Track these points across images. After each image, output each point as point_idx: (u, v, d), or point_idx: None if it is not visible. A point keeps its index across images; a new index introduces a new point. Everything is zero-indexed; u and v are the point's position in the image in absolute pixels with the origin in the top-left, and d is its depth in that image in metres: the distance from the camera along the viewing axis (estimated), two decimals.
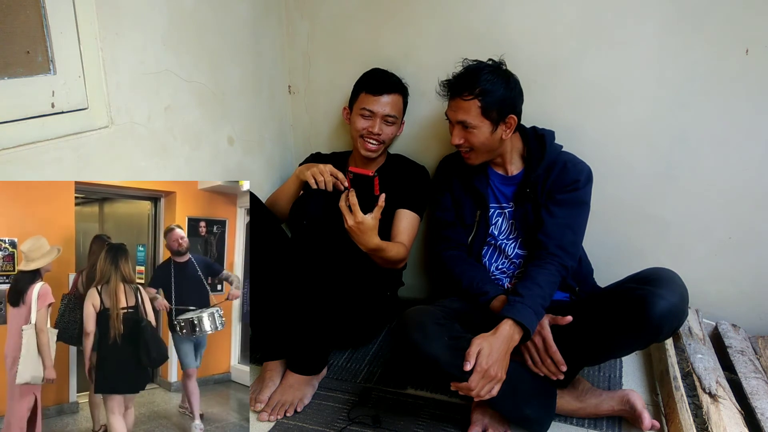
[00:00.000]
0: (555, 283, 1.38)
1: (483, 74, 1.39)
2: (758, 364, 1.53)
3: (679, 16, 1.55)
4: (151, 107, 1.37)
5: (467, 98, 1.39)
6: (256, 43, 1.80)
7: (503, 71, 1.44)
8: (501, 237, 1.54)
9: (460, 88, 1.41)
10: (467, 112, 1.40)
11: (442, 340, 1.23)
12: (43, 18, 1.09)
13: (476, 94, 1.38)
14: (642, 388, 1.56)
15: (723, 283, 1.74)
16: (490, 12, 1.71)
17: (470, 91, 1.38)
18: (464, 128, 1.43)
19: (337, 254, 1.59)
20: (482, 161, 1.50)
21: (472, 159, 1.49)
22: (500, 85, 1.39)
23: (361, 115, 1.69)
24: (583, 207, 1.47)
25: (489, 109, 1.39)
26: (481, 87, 1.38)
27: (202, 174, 1.59)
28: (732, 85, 1.56)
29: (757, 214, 1.64)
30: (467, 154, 1.48)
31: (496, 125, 1.41)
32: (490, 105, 1.38)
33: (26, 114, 1.08)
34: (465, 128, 1.42)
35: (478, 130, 1.41)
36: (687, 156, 1.65)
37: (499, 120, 1.41)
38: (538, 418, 1.34)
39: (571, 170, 1.45)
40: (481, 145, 1.44)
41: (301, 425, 1.43)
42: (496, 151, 1.49)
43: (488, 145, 1.44)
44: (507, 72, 1.45)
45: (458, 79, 1.43)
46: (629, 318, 1.24)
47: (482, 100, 1.38)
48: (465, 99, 1.40)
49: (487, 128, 1.41)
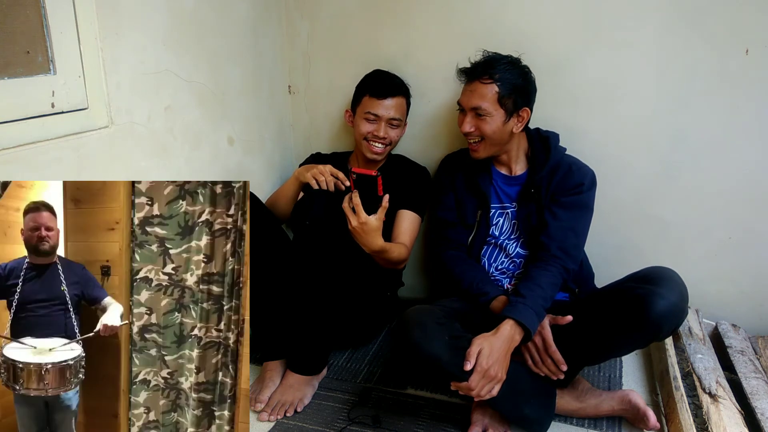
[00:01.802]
0: (556, 285, 1.38)
1: (503, 62, 1.43)
2: (758, 364, 1.53)
3: (679, 16, 1.55)
4: (151, 107, 1.37)
5: (486, 81, 1.41)
6: (256, 43, 1.80)
7: (521, 65, 1.47)
8: (502, 237, 1.54)
9: (480, 71, 1.43)
10: (483, 97, 1.41)
11: (443, 340, 1.23)
12: (43, 18, 1.09)
13: (495, 79, 1.40)
14: (642, 388, 1.56)
15: (723, 283, 1.73)
16: (490, 12, 1.71)
17: (490, 75, 1.41)
18: (477, 116, 1.43)
19: (338, 254, 1.59)
20: (489, 155, 1.49)
21: (480, 151, 1.48)
22: (518, 75, 1.43)
23: (366, 119, 1.69)
24: (587, 211, 1.47)
25: (505, 97, 1.41)
26: (501, 73, 1.40)
27: (202, 174, 1.59)
28: (732, 85, 1.56)
29: (757, 214, 1.64)
30: (476, 145, 1.47)
31: (509, 115, 1.42)
32: (507, 92, 1.41)
33: (26, 114, 1.08)
34: (478, 116, 1.43)
35: (491, 117, 1.42)
36: (687, 156, 1.65)
37: (513, 111, 1.43)
38: (538, 418, 1.34)
39: (575, 173, 1.46)
40: (492, 134, 1.43)
41: (301, 425, 1.43)
42: (503, 147, 1.49)
43: (498, 137, 1.44)
44: (524, 66, 1.48)
45: (478, 64, 1.46)
46: (629, 317, 1.24)
47: (500, 86, 1.40)
48: (484, 82, 1.41)
49: (500, 117, 1.42)
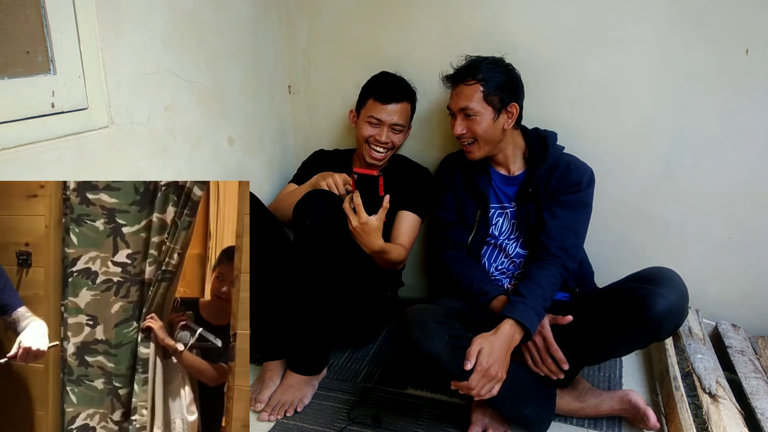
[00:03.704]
0: (556, 284, 1.38)
1: (484, 63, 1.46)
2: (758, 364, 1.53)
3: (679, 16, 1.55)
4: (151, 107, 1.37)
5: (470, 83, 1.44)
6: (256, 43, 1.80)
7: (504, 63, 1.50)
8: (502, 237, 1.55)
9: (462, 75, 1.47)
10: (469, 98, 1.44)
11: (443, 339, 1.23)
12: (43, 18, 1.09)
13: (478, 79, 1.43)
14: (642, 388, 1.56)
15: (723, 283, 1.74)
16: (490, 12, 1.71)
17: (473, 76, 1.44)
18: (466, 117, 1.45)
19: (339, 254, 1.59)
20: (484, 154, 1.50)
21: (474, 152, 1.49)
22: (501, 72, 1.46)
23: (369, 123, 1.68)
24: (586, 209, 1.47)
25: (491, 94, 1.43)
26: (483, 73, 1.43)
27: (202, 174, 1.59)
28: (732, 85, 1.56)
29: (757, 214, 1.64)
30: (470, 146, 1.49)
31: (498, 112, 1.44)
32: (491, 90, 1.43)
33: (26, 114, 1.08)
34: (467, 117, 1.45)
35: (480, 116, 1.43)
36: (687, 156, 1.65)
37: (501, 107, 1.44)
38: (538, 418, 1.34)
39: (574, 172, 1.46)
40: (484, 133, 1.45)
41: (301, 425, 1.43)
42: (498, 145, 1.49)
43: (490, 135, 1.46)
44: (508, 64, 1.50)
45: (461, 69, 1.49)
46: (629, 317, 1.24)
47: (484, 85, 1.43)
48: (468, 84, 1.44)
49: (489, 115, 1.44)
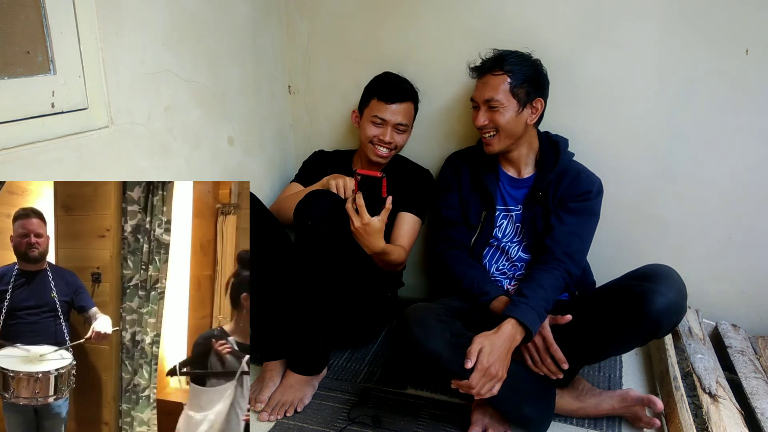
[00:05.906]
0: (559, 288, 1.38)
1: (512, 56, 1.47)
2: (758, 364, 1.53)
3: (679, 16, 1.55)
4: (151, 107, 1.37)
5: (497, 74, 1.44)
6: (256, 44, 1.80)
7: (532, 58, 1.50)
8: (505, 240, 1.54)
9: (490, 66, 1.46)
10: (495, 89, 1.43)
11: (444, 337, 1.23)
12: (43, 18, 1.09)
13: (506, 71, 1.43)
14: (642, 388, 1.56)
15: (723, 283, 1.74)
16: (490, 12, 1.71)
17: (501, 67, 1.43)
18: (490, 108, 1.45)
19: (340, 255, 1.59)
20: (502, 148, 1.49)
21: (494, 145, 1.48)
22: (529, 66, 1.46)
23: (372, 123, 1.68)
24: (593, 218, 1.48)
25: (517, 87, 1.43)
26: (511, 65, 1.43)
27: (202, 174, 1.59)
28: (732, 85, 1.56)
29: (757, 214, 1.64)
30: (490, 139, 1.48)
31: (523, 106, 1.44)
32: (518, 82, 1.43)
33: (26, 114, 1.08)
34: (491, 108, 1.44)
35: (504, 108, 1.43)
36: (687, 156, 1.65)
37: (527, 101, 1.44)
38: (538, 417, 1.34)
39: (584, 180, 1.47)
40: (506, 125, 1.44)
41: (301, 425, 1.43)
42: (517, 141, 1.49)
43: (513, 128, 1.45)
44: (536, 59, 1.51)
45: (488, 59, 1.49)
46: (628, 314, 1.24)
47: (512, 77, 1.43)
48: (495, 74, 1.44)
49: (513, 108, 1.43)
